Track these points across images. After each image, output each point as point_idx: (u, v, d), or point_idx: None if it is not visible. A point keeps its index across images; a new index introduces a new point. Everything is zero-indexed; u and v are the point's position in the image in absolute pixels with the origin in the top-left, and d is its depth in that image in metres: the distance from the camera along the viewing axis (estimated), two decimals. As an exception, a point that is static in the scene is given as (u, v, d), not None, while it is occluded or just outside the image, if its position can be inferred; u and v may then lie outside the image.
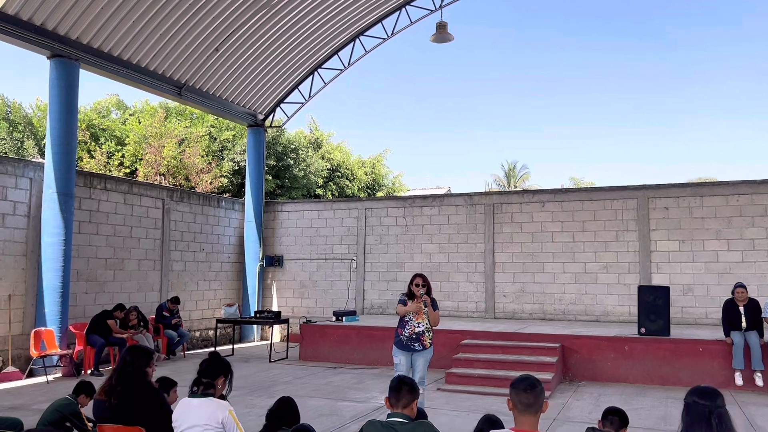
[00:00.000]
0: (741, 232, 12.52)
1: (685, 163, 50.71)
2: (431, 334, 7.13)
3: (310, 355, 12.25)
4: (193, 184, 18.19)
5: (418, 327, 7.01)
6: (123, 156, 18.84)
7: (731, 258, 12.52)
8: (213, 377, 3.84)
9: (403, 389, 3.32)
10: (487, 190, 27.51)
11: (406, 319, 7.10)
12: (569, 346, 10.48)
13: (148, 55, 12.75)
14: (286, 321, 13.07)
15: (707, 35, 52.02)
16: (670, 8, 52.11)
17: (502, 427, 3.68)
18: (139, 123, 19.35)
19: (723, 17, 51.76)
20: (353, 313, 13.24)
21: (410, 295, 7.13)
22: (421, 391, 7.09)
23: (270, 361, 12.02)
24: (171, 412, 3.98)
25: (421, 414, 4.17)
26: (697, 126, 52.66)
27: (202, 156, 19.02)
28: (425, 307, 7.04)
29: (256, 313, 13.67)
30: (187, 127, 19.92)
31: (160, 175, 18.00)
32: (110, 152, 18.92)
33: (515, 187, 39.32)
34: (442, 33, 12.16)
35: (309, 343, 12.38)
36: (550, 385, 9.25)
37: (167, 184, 16.65)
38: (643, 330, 10.32)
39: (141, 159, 18.45)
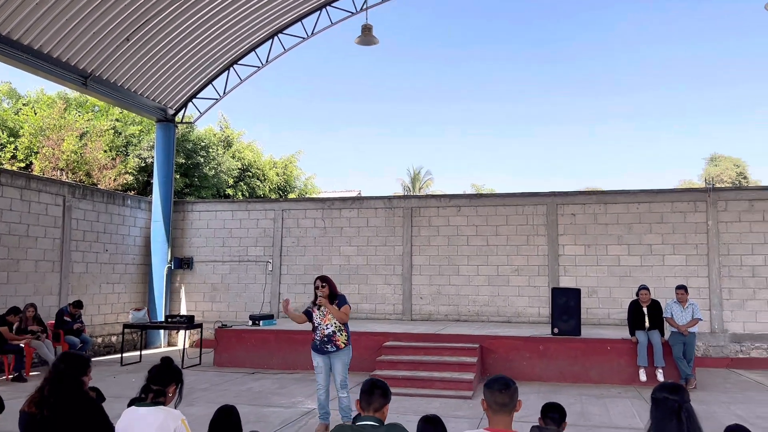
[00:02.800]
0: (640, 238, 13.38)
1: (585, 173, 53.79)
2: (345, 335, 7.08)
3: (226, 361, 11.83)
4: (95, 181, 17.10)
5: (327, 329, 7.02)
6: (16, 149, 17.38)
7: (631, 262, 13.36)
8: (164, 384, 3.57)
9: (375, 392, 3.25)
10: (406, 194, 27.83)
11: (315, 323, 7.10)
12: (487, 346, 10.77)
13: (52, 41, 11.86)
14: (200, 326, 12.56)
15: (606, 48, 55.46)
16: (584, 19, 55.09)
17: (443, 425, 3.67)
18: (35, 114, 17.94)
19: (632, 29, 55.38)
20: (270, 316, 12.95)
21: (317, 299, 7.08)
22: (345, 395, 7.06)
23: (183, 368, 11.47)
24: (112, 425, 3.69)
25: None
26: (596, 135, 55.90)
27: (106, 151, 17.91)
28: (318, 308, 7.04)
29: (167, 317, 13.05)
30: (89, 120, 18.70)
31: (58, 170, 16.78)
32: (1, 144, 17.42)
33: (420, 191, 40.05)
34: (367, 36, 12.16)
35: (224, 349, 11.96)
36: (471, 385, 9.47)
37: (68, 180, 15.53)
38: (556, 330, 10.78)
39: (37, 153, 17.11)
